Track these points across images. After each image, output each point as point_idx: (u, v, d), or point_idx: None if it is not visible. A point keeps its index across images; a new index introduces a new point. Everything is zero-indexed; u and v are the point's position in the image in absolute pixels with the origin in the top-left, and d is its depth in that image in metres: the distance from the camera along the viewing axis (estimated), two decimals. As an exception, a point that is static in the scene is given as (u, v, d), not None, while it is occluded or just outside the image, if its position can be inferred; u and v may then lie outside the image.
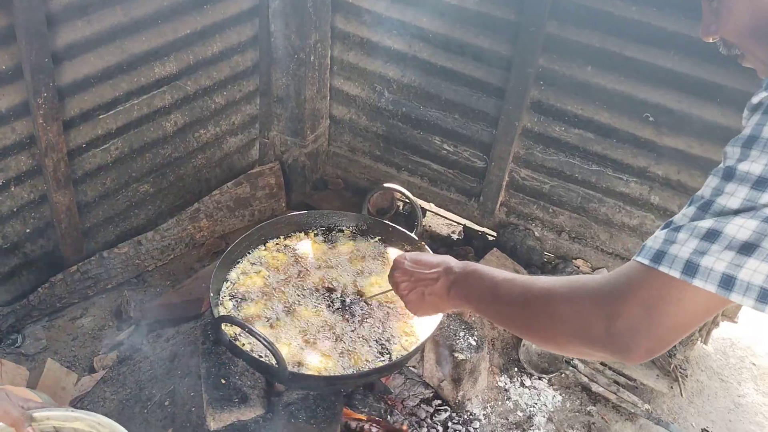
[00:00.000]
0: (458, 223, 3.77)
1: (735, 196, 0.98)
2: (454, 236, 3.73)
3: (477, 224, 3.62)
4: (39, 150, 2.70)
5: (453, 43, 3.20)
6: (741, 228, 0.97)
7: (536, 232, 3.43)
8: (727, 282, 0.97)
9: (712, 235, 0.98)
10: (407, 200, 2.57)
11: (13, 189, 2.72)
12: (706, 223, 0.99)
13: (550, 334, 1.22)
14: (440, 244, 3.62)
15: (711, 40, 1.25)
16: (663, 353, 1.50)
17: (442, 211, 3.79)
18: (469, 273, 1.49)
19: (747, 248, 0.96)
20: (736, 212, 0.98)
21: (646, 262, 1.04)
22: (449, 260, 1.58)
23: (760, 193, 0.96)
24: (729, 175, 1.00)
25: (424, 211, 3.80)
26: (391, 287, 1.72)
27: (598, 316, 1.09)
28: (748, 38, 1.17)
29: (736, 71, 2.62)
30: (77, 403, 2.71)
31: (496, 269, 1.44)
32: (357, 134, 3.76)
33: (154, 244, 3.30)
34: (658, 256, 1.02)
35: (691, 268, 0.99)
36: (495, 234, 3.56)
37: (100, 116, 2.89)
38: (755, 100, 1.05)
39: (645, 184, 3.06)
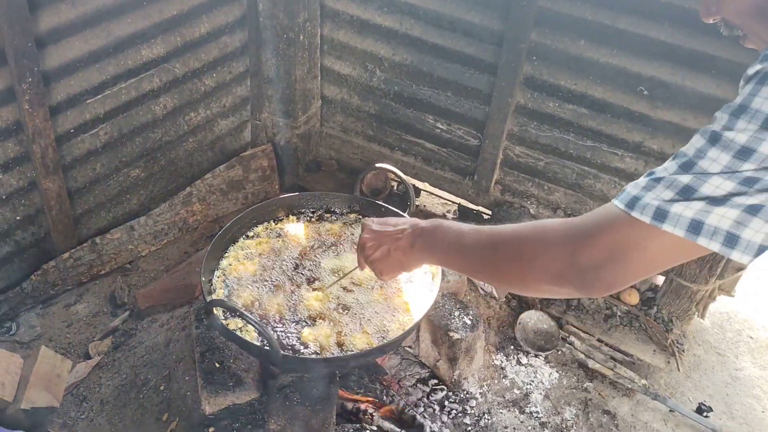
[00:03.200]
0: (453, 203, 3.75)
1: (717, 162, 1.00)
2: (449, 215, 3.71)
3: (472, 203, 3.60)
4: (26, 136, 2.67)
5: (444, 19, 3.15)
6: (717, 188, 0.99)
7: (531, 210, 3.41)
8: (696, 227, 1.00)
9: (687, 191, 1.01)
10: (400, 180, 2.55)
11: (1, 176, 2.69)
12: (685, 179, 1.01)
13: (519, 275, 1.24)
14: (435, 223, 3.60)
15: (711, 21, 1.22)
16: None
17: (436, 191, 3.77)
18: (435, 226, 1.50)
19: (718, 201, 0.99)
20: (715, 174, 1.00)
21: (621, 206, 1.07)
22: (418, 220, 1.60)
23: (741, 162, 0.97)
24: (714, 139, 1.01)
25: (418, 190, 3.78)
26: (343, 275, 1.70)
27: (563, 251, 1.13)
28: (750, 18, 1.15)
29: (730, 42, 2.57)
30: (73, 389, 2.70)
31: (465, 223, 1.44)
32: (349, 114, 3.72)
33: (147, 229, 3.28)
34: (633, 202, 1.05)
35: (661, 214, 1.02)
36: (490, 212, 3.54)
37: (88, 101, 2.85)
38: (751, 71, 1.03)
39: (640, 159, 3.03)
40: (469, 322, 2.68)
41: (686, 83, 2.77)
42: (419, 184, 3.74)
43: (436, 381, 2.73)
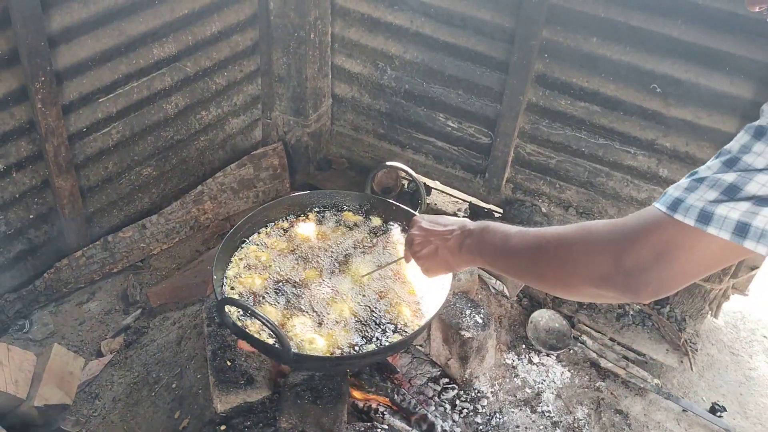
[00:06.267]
0: (464, 201, 3.73)
1: (762, 156, 0.97)
2: (460, 214, 3.70)
3: (483, 201, 3.59)
4: (39, 135, 2.69)
5: (455, 16, 3.14)
6: (763, 186, 0.96)
7: (543, 208, 3.40)
8: (742, 229, 0.96)
9: (731, 190, 0.97)
10: (411, 178, 2.54)
11: (14, 175, 2.71)
12: (729, 177, 0.98)
13: (563, 277, 1.23)
14: (446, 221, 3.58)
15: (757, 10, 1.19)
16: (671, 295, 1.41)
17: (447, 189, 3.76)
18: (483, 228, 1.51)
19: (765, 201, 0.96)
20: (761, 171, 0.97)
21: (663, 208, 1.04)
22: (467, 221, 1.61)
23: None
24: (760, 133, 0.98)
25: (428, 189, 3.77)
26: (385, 264, 1.74)
27: (607, 253, 1.12)
28: None
29: (744, 39, 2.56)
30: (85, 387, 2.72)
31: (511, 225, 1.45)
32: (360, 113, 3.72)
33: (159, 227, 3.30)
34: (676, 204, 1.02)
35: (705, 217, 0.98)
36: (501, 211, 3.53)
37: (100, 100, 2.87)
38: None
39: (653, 156, 3.01)
40: (480, 321, 2.67)
41: (700, 80, 2.74)
42: (430, 183, 3.74)
43: (447, 380, 2.72)
